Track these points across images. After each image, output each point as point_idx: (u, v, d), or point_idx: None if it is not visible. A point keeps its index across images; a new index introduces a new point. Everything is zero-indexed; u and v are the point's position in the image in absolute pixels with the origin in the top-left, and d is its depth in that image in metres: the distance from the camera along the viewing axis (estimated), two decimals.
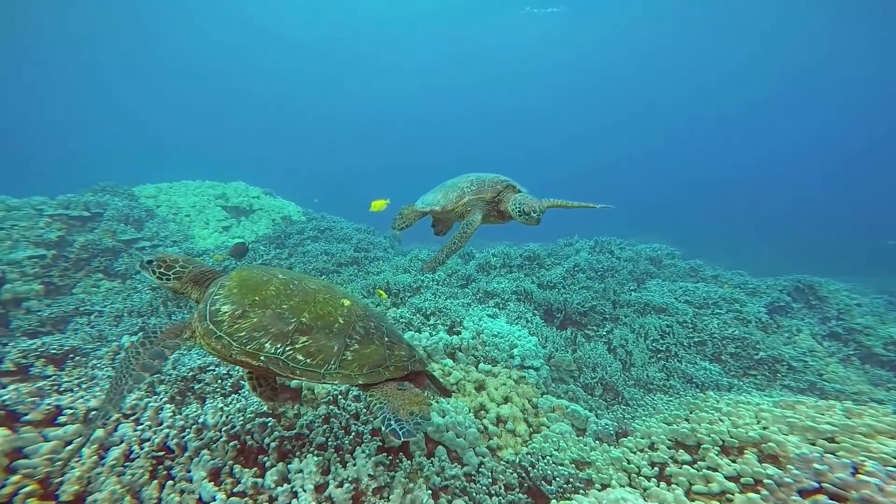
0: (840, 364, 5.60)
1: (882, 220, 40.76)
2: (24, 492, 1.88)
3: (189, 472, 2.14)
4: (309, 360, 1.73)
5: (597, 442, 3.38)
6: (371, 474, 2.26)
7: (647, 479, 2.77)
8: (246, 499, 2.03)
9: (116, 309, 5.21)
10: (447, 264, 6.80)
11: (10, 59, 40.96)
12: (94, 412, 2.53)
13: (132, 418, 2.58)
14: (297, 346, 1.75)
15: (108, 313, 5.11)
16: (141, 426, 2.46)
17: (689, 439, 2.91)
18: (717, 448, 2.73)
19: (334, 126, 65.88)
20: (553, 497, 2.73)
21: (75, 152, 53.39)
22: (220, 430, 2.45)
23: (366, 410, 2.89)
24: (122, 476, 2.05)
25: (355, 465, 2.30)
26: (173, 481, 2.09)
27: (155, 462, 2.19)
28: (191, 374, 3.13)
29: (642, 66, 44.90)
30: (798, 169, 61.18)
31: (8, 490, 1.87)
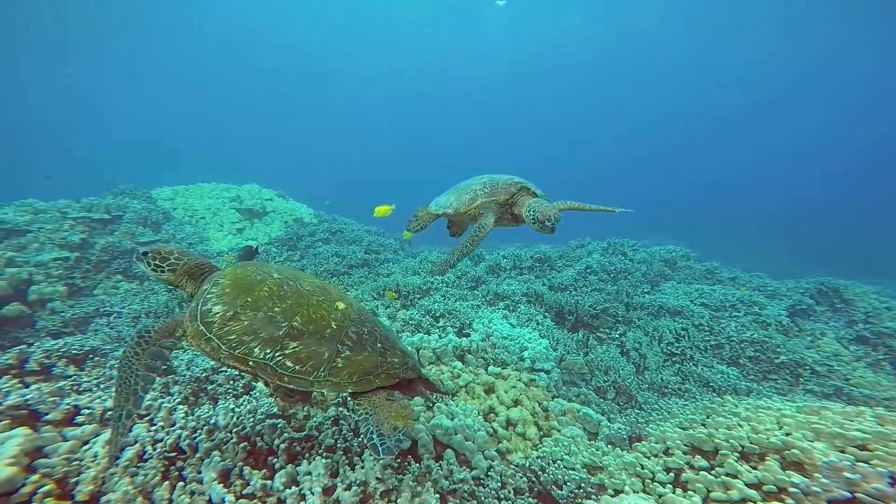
0: (869, 369, 5.37)
1: (882, 220, 39.93)
2: (42, 491, 1.92)
3: (200, 473, 2.16)
4: (298, 367, 1.68)
5: (609, 446, 3.31)
6: (379, 477, 2.25)
7: (662, 485, 2.69)
8: (255, 501, 2.04)
9: (134, 310, 5.35)
10: (457, 266, 6.77)
11: (10, 60, 41.46)
12: (110, 412, 2.59)
13: (146, 419, 2.63)
14: (286, 352, 1.69)
15: (126, 314, 5.25)
16: (154, 427, 2.50)
17: (706, 444, 2.82)
18: (737, 454, 2.64)
19: (342, 127, 66.42)
20: (564, 502, 2.68)
21: (75, 153, 54.00)
22: (231, 432, 2.48)
23: None
24: (135, 477, 2.09)
25: (363, 467, 2.29)
26: (184, 482, 2.11)
27: (167, 463, 2.22)
28: (204, 374, 3.18)
29: (643, 67, 44.40)
30: (798, 169, 60.07)
31: (28, 489, 1.92)
